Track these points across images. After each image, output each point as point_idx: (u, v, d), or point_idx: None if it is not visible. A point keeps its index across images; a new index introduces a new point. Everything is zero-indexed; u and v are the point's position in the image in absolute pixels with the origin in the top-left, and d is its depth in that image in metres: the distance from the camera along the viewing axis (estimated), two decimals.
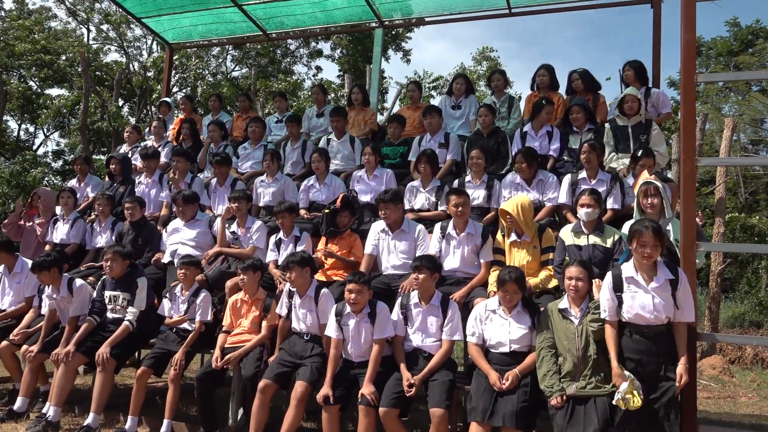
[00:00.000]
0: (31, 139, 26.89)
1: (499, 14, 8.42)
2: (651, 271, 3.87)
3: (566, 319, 4.12)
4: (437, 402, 4.14)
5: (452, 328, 4.45)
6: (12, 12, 23.19)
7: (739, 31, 23.93)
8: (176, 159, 7.06)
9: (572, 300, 4.16)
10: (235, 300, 5.24)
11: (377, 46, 9.42)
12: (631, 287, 3.88)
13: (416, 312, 4.54)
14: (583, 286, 4.12)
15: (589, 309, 4.09)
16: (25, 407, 5.42)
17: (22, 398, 5.43)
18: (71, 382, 5.25)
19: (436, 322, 4.48)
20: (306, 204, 6.53)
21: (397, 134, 7.13)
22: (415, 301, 4.57)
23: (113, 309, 5.49)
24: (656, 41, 7.49)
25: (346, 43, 23.28)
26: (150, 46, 23.28)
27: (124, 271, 5.51)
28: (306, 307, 4.86)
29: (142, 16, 9.12)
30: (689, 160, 4.16)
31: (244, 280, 5.11)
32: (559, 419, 3.87)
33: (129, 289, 5.47)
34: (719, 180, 11.05)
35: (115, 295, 5.49)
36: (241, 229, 5.99)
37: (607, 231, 4.86)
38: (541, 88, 7.13)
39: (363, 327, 4.51)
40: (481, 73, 22.87)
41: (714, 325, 10.30)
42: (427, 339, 4.47)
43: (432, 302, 4.53)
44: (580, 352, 3.98)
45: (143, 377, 5.12)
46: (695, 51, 4.42)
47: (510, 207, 4.95)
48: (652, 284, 3.83)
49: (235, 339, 5.10)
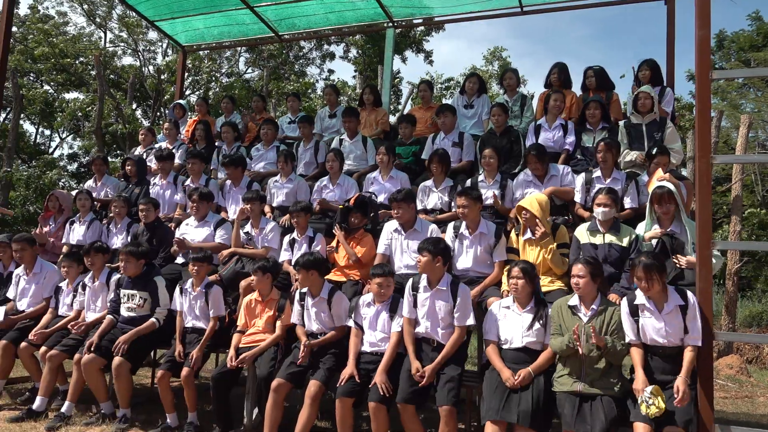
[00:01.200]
0: (48, 143, 27.27)
1: (511, 13, 8.39)
2: (661, 297, 4.00)
3: (575, 316, 4.12)
4: (444, 399, 4.15)
5: (463, 313, 4.36)
6: (29, 15, 23.43)
7: (762, 25, 23.60)
8: (191, 161, 7.11)
9: (580, 298, 4.16)
10: (249, 300, 5.28)
11: (389, 46, 9.41)
12: (645, 313, 4.01)
13: (423, 297, 4.48)
14: (584, 283, 4.10)
15: (597, 311, 4.09)
16: (44, 406, 5.52)
17: (41, 398, 5.52)
18: (100, 381, 5.39)
19: (444, 307, 4.41)
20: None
21: (408, 134, 7.14)
22: (424, 284, 4.53)
23: (129, 308, 5.55)
24: (670, 38, 7.42)
25: (361, 43, 23.19)
26: (165, 50, 23.48)
27: (139, 270, 5.59)
28: (319, 307, 4.88)
29: (155, 19, 9.19)
30: (704, 157, 4.12)
31: (255, 281, 5.16)
32: (567, 415, 3.88)
33: (147, 288, 5.55)
34: (735, 178, 10.93)
35: (132, 294, 5.55)
36: (255, 230, 6.02)
37: (623, 230, 4.82)
38: (554, 86, 7.10)
39: (381, 316, 4.57)
40: (492, 73, 22.81)
41: (731, 325, 10.19)
42: (437, 327, 4.41)
43: (439, 286, 4.48)
44: (584, 351, 3.97)
45: (164, 379, 5.20)
46: (710, 47, 4.38)
47: (528, 204, 4.93)
48: (664, 311, 3.96)
49: (250, 339, 5.14)
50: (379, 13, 8.74)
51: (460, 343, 4.39)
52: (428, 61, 25.05)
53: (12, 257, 6.50)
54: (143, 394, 6.38)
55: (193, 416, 5.20)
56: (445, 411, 4.13)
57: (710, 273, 4.07)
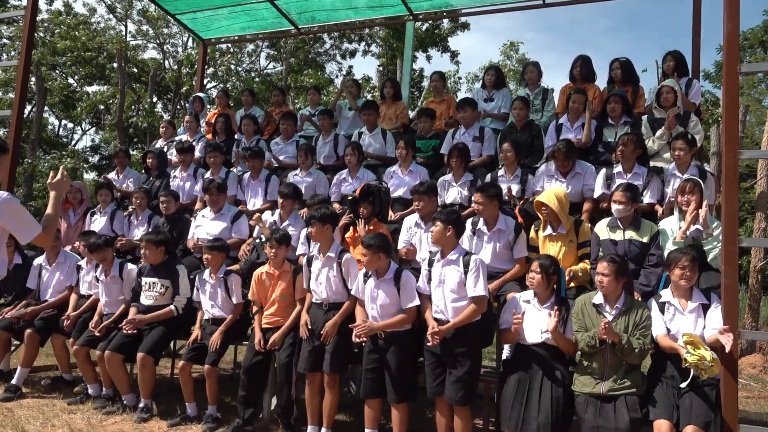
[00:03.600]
0: (70, 135, 27.62)
1: (533, 5, 8.29)
2: (687, 295, 4.07)
3: (600, 314, 4.07)
4: (451, 398, 4.21)
5: (477, 283, 4.19)
6: (55, 11, 23.68)
7: None
8: (211, 154, 7.14)
9: (604, 297, 4.11)
10: (260, 273, 5.21)
11: (408, 39, 9.38)
12: (670, 310, 4.05)
13: (434, 269, 4.42)
14: (608, 282, 4.04)
15: (621, 311, 4.04)
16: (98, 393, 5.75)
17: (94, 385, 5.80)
18: (123, 375, 5.53)
19: (457, 276, 4.26)
20: (338, 198, 6.56)
21: (427, 128, 7.09)
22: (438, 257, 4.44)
23: (150, 296, 5.60)
24: (696, 30, 7.27)
25: (384, 36, 22.95)
26: (185, 43, 23.63)
27: (160, 258, 5.63)
28: (328, 266, 4.79)
29: (176, 12, 9.25)
30: (731, 152, 4.05)
31: (270, 253, 5.09)
32: (589, 420, 3.84)
33: (169, 276, 5.60)
34: (761, 174, 10.72)
35: (153, 282, 5.60)
36: (284, 224, 5.93)
37: (644, 226, 4.75)
38: (578, 80, 7.00)
39: (382, 290, 4.47)
40: (511, 68, 22.54)
41: (755, 323, 10.02)
42: (447, 305, 4.28)
43: (449, 256, 4.37)
44: (608, 352, 3.94)
45: (185, 369, 5.28)
46: (738, 40, 4.29)
47: (546, 198, 4.86)
48: (688, 308, 4.03)
49: (267, 321, 5.12)
50: (400, 6, 8.69)
51: (475, 314, 4.22)
52: (454, 61, 24.51)
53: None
54: (163, 384, 6.46)
55: (213, 409, 5.23)
56: (456, 410, 4.22)
57: (736, 270, 4.01)
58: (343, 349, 4.67)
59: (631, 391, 3.87)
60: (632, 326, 4.00)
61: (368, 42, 24.61)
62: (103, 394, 5.65)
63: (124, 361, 5.46)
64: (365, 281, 4.59)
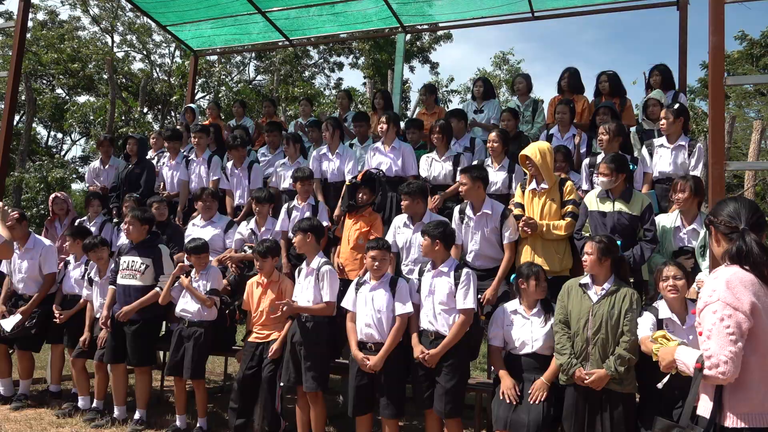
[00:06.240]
0: (60, 146, 27.47)
1: (522, 18, 8.37)
2: (682, 309, 3.88)
3: (585, 295, 4.02)
4: (440, 411, 4.19)
5: (467, 296, 4.22)
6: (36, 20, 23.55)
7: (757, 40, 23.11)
8: (196, 135, 7.21)
9: (591, 277, 4.05)
10: (252, 282, 5.27)
11: (399, 51, 9.42)
12: (668, 327, 3.86)
13: (424, 279, 4.42)
14: (590, 261, 3.99)
15: (608, 291, 3.97)
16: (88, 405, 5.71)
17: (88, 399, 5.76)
18: (123, 385, 5.55)
19: (447, 288, 4.27)
20: (319, 174, 6.49)
21: (416, 139, 7.10)
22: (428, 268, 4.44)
23: (127, 274, 5.43)
24: (682, 44, 7.37)
25: (368, 49, 23.17)
26: (173, 53, 23.62)
27: (143, 236, 5.53)
28: (310, 276, 4.80)
29: (167, 24, 9.27)
30: (718, 163, 4.11)
31: (257, 265, 5.13)
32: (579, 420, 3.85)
33: (150, 254, 5.48)
34: (747, 184, 10.85)
35: (133, 260, 5.47)
36: (261, 229, 5.96)
37: (635, 197, 4.61)
38: (565, 91, 7.07)
39: (376, 295, 4.43)
40: (501, 78, 22.71)
41: None
42: (436, 315, 4.28)
43: (440, 268, 4.37)
44: (590, 332, 3.90)
45: (179, 383, 5.28)
46: (723, 53, 4.36)
47: (530, 152, 4.80)
48: (686, 323, 3.83)
49: (256, 335, 5.12)
50: (390, 18, 8.75)
51: (464, 328, 4.22)
52: (433, 72, 25.08)
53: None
54: (152, 396, 6.39)
55: (203, 421, 5.21)
56: (446, 423, 4.23)
57: None
58: (319, 366, 4.65)
59: (626, 388, 3.84)
60: (617, 311, 3.89)
61: (357, 55, 24.82)
62: (93, 407, 5.59)
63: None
64: (357, 289, 4.56)
